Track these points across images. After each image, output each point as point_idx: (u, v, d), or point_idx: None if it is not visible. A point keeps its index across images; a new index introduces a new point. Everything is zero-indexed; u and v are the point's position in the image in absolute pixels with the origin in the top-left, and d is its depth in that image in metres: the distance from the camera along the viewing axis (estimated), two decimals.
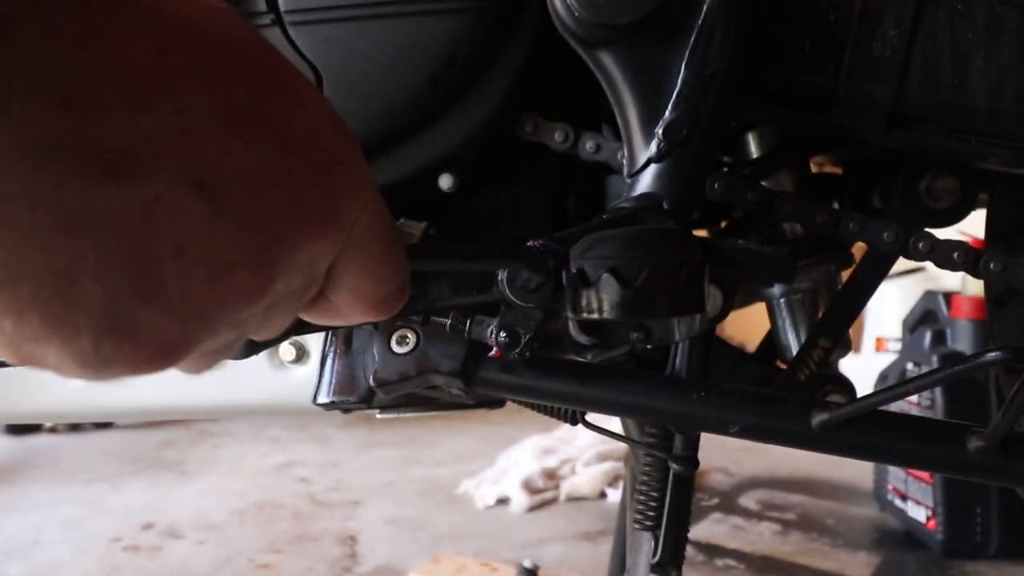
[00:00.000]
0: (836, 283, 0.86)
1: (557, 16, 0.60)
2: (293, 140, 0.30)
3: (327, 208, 0.32)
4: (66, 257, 0.25)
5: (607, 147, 0.71)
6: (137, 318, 0.27)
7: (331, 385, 0.73)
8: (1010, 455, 0.56)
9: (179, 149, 0.26)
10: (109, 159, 0.25)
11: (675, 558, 0.73)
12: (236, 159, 0.28)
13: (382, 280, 0.37)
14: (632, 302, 0.45)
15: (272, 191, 0.29)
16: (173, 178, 0.26)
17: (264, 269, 0.30)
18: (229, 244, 0.28)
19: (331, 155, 0.32)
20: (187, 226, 0.27)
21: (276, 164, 0.29)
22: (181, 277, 0.27)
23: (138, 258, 0.26)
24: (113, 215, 0.25)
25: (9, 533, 2.42)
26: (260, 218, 0.29)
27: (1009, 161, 0.64)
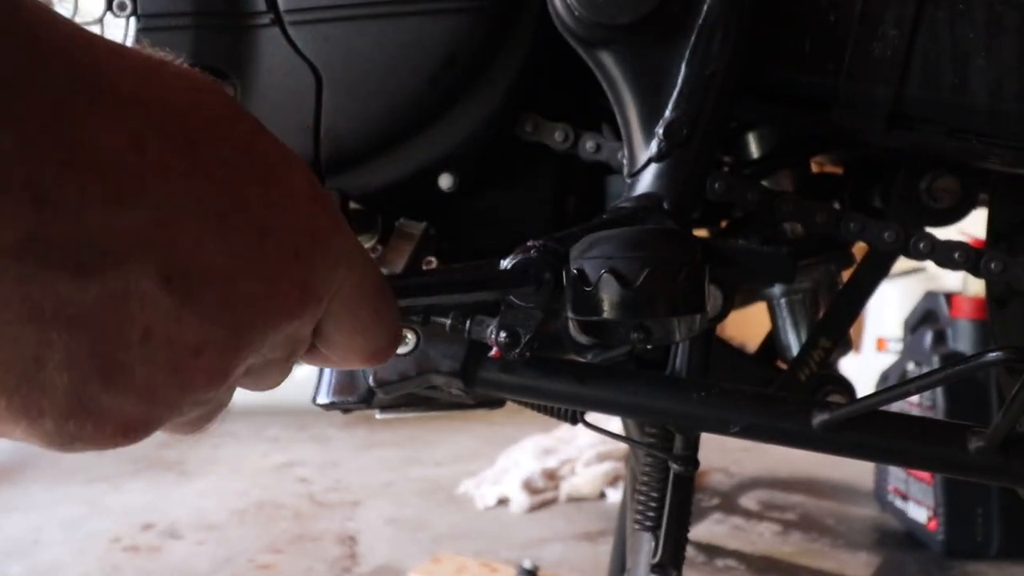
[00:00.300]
0: (836, 283, 0.86)
1: (557, 16, 0.60)
2: (271, 224, 0.30)
3: (301, 289, 0.32)
4: (34, 346, 0.26)
5: (607, 147, 0.71)
6: (100, 401, 0.27)
7: (331, 385, 0.73)
8: (1010, 455, 0.56)
9: (152, 242, 0.27)
10: (82, 255, 0.25)
11: (675, 558, 0.73)
12: (209, 249, 0.28)
13: (372, 335, 0.37)
14: (632, 302, 0.45)
15: (245, 279, 0.29)
16: (144, 270, 0.27)
17: (231, 353, 0.30)
18: (195, 331, 0.29)
19: (310, 234, 0.32)
20: (154, 314, 0.27)
21: (251, 251, 0.30)
22: (146, 362, 0.28)
23: (104, 345, 0.27)
24: (82, 307, 0.26)
25: (9, 533, 2.42)
26: (229, 306, 0.29)
27: (1009, 161, 0.64)
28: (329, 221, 0.34)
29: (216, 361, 0.30)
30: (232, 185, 0.29)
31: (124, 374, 0.27)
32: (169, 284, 0.27)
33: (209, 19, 0.66)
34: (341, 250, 0.34)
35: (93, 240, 0.25)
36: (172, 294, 0.27)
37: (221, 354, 0.30)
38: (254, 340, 0.31)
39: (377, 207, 0.71)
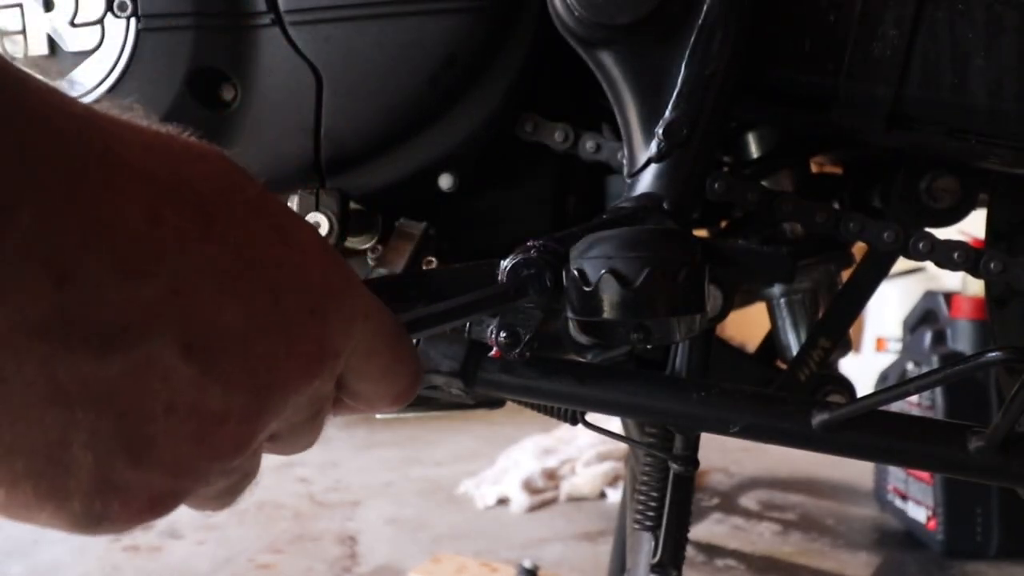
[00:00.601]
0: (836, 283, 0.86)
1: (557, 16, 0.60)
2: (284, 283, 0.31)
3: (319, 346, 0.32)
4: (60, 428, 0.25)
5: (607, 147, 0.71)
6: (127, 478, 0.27)
7: None
8: (1010, 455, 0.56)
9: (172, 311, 0.27)
10: (103, 332, 0.25)
11: (675, 558, 0.73)
12: (227, 314, 0.28)
13: (395, 379, 0.38)
14: (632, 302, 0.45)
15: (263, 341, 0.30)
16: (165, 341, 0.27)
17: (255, 417, 0.30)
18: (219, 399, 0.28)
19: (324, 291, 0.33)
20: (177, 385, 0.27)
21: (267, 311, 0.30)
22: (170, 434, 0.28)
23: (129, 421, 0.26)
24: (106, 384, 0.26)
25: (9, 533, 2.42)
26: (250, 370, 0.29)
27: (1009, 161, 0.64)
28: (341, 276, 0.34)
29: (241, 427, 0.30)
30: (244, 248, 0.29)
31: (150, 448, 0.27)
32: (190, 353, 0.27)
33: (209, 19, 0.66)
34: (355, 303, 0.34)
35: (115, 315, 0.25)
36: (193, 363, 0.27)
37: (245, 419, 0.30)
38: (276, 403, 0.31)
39: (377, 207, 0.71)
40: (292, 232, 0.32)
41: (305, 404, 0.33)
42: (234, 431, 0.29)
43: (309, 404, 0.34)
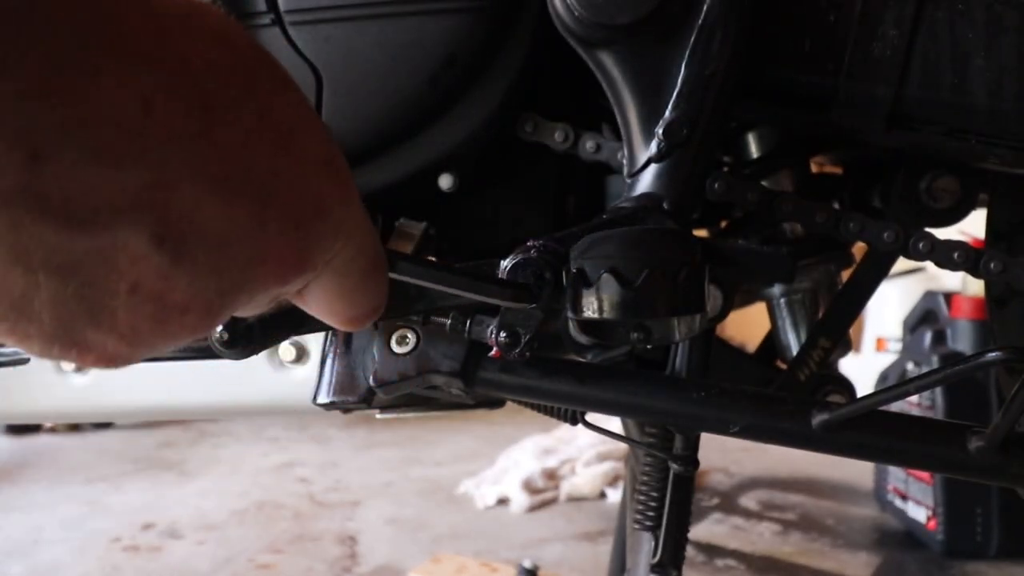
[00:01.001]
0: (836, 283, 0.86)
1: (557, 16, 0.60)
2: (274, 193, 0.30)
3: (296, 259, 0.32)
4: (21, 286, 0.26)
5: (607, 147, 0.71)
6: (85, 335, 0.28)
7: (331, 385, 0.73)
8: (1010, 455, 0.56)
9: (148, 204, 0.27)
10: (73, 210, 0.25)
11: (675, 558, 0.73)
12: (207, 214, 0.28)
13: (354, 305, 0.37)
14: (632, 302, 0.45)
15: (239, 246, 0.29)
16: (137, 230, 0.27)
17: (216, 311, 0.30)
18: (184, 291, 0.29)
19: (314, 205, 0.32)
20: (144, 271, 0.27)
21: (250, 219, 0.29)
22: (131, 310, 0.28)
23: (90, 292, 0.27)
24: (70, 258, 0.26)
25: (9, 533, 2.42)
26: (220, 270, 0.29)
27: (1009, 161, 0.64)
28: (336, 191, 0.33)
29: (201, 319, 0.30)
30: (240, 152, 0.29)
31: (109, 318, 0.28)
32: (161, 245, 0.27)
33: None
34: (342, 222, 0.34)
35: (87, 198, 0.25)
36: (163, 253, 0.27)
37: (207, 313, 0.30)
38: (240, 301, 0.31)
39: (377, 207, 0.71)
40: (297, 139, 0.31)
41: (265, 302, 0.34)
42: (193, 321, 0.30)
43: (269, 301, 0.34)
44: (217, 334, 0.47)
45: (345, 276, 0.36)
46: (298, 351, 0.77)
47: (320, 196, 0.32)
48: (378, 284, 0.38)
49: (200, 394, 0.81)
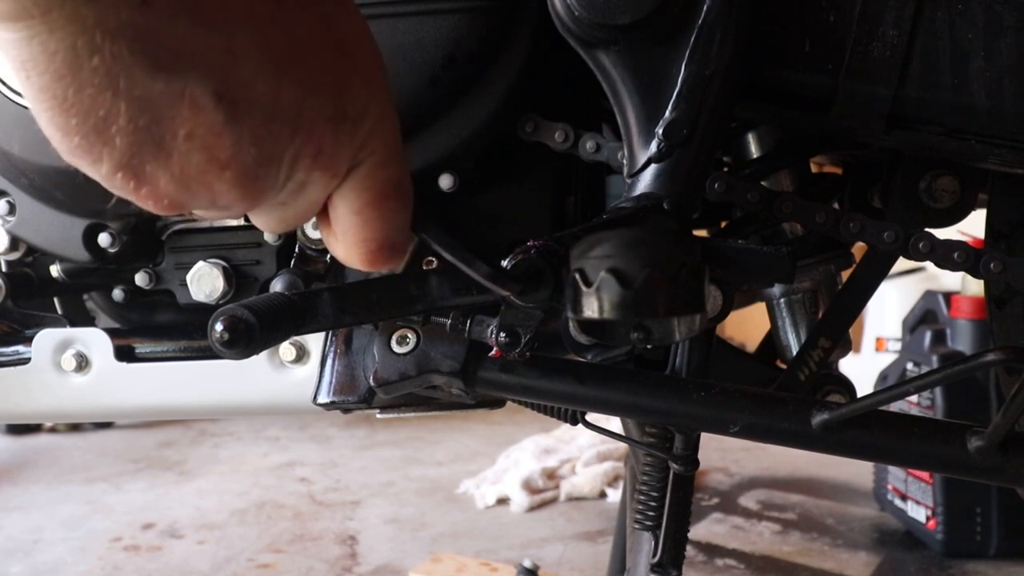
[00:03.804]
0: (836, 283, 0.86)
1: (557, 16, 0.60)
2: (320, 87, 0.36)
3: (325, 144, 0.37)
4: (105, 108, 0.32)
5: (607, 147, 0.71)
6: (144, 168, 0.34)
7: (331, 385, 0.73)
8: (1010, 455, 0.56)
9: (217, 64, 0.33)
10: (160, 54, 0.31)
11: (675, 558, 0.73)
12: (261, 87, 0.34)
13: (372, 224, 0.42)
14: (632, 302, 0.45)
15: (280, 124, 0.35)
16: (203, 83, 0.33)
17: (250, 179, 0.36)
18: (228, 149, 0.34)
19: (352, 110, 0.37)
20: (200, 122, 0.33)
21: (294, 101, 0.35)
22: (183, 154, 0.34)
23: (156, 128, 0.33)
24: (148, 93, 0.32)
25: (9, 533, 2.42)
26: (259, 140, 0.35)
27: (1009, 161, 0.64)
28: (373, 105, 0.38)
29: (237, 181, 0.35)
30: (300, 45, 0.34)
31: (166, 156, 0.34)
32: (219, 101, 0.33)
33: None
34: (373, 133, 0.39)
35: (174, 45, 0.31)
36: (219, 111, 0.33)
37: (243, 176, 0.35)
38: (270, 176, 0.36)
39: None
40: (350, 51, 0.36)
41: (294, 191, 0.39)
42: (230, 181, 0.35)
43: (298, 193, 0.39)
44: (217, 334, 0.47)
45: (366, 188, 0.41)
46: (298, 351, 0.77)
47: (358, 104, 0.37)
48: (398, 209, 0.42)
49: (200, 394, 0.81)
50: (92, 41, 0.30)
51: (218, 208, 0.37)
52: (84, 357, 0.82)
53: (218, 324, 0.47)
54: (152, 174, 0.34)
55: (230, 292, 0.79)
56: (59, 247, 0.81)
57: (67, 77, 0.31)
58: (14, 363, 0.84)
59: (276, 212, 0.41)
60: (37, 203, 0.80)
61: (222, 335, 0.47)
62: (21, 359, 0.84)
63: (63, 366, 0.82)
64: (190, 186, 0.35)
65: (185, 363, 0.81)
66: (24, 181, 0.79)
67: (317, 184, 0.38)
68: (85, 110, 0.32)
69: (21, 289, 0.87)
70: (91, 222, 0.80)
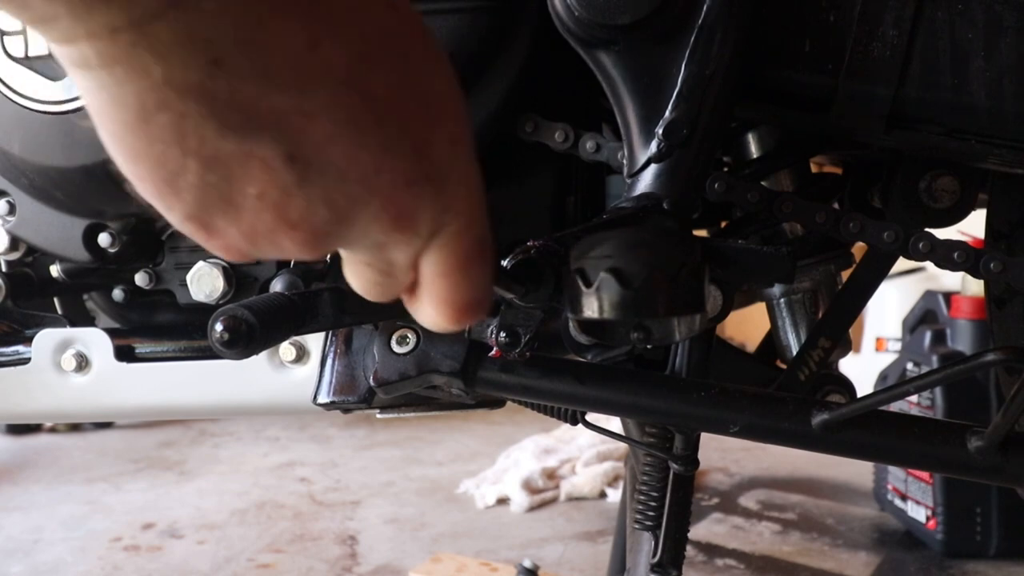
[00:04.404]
0: (836, 283, 0.86)
1: (557, 16, 0.60)
2: (398, 150, 0.34)
3: (400, 211, 0.35)
4: (174, 164, 0.31)
5: (607, 147, 0.71)
6: (215, 221, 0.34)
7: (331, 385, 0.73)
8: (1010, 455, 0.56)
9: (289, 126, 0.31)
10: (228, 114, 0.30)
11: (675, 558, 0.73)
12: (334, 149, 0.32)
13: (458, 287, 0.40)
14: (632, 302, 0.45)
15: (354, 184, 0.34)
16: (274, 145, 0.32)
17: (320, 239, 0.35)
18: (298, 210, 0.33)
19: (435, 171, 0.35)
20: (271, 182, 0.32)
21: (370, 164, 0.33)
22: (254, 213, 0.33)
23: (225, 186, 0.32)
24: (218, 153, 0.31)
25: (9, 533, 2.42)
26: (332, 201, 0.34)
27: (1009, 161, 0.64)
28: (455, 169, 0.37)
29: (306, 240, 0.35)
30: (379, 107, 0.33)
31: (236, 213, 0.33)
32: (291, 164, 0.32)
33: None
34: (455, 197, 0.37)
35: (244, 106, 0.30)
36: (291, 173, 0.32)
37: (312, 236, 0.34)
38: (342, 236, 0.35)
39: None
40: (434, 114, 0.35)
41: (372, 251, 0.37)
42: (300, 240, 0.34)
43: (376, 253, 0.37)
44: (217, 334, 0.47)
45: (453, 251, 0.39)
46: (298, 351, 0.77)
47: (441, 165, 0.36)
48: (485, 269, 0.41)
49: (200, 394, 0.81)
50: (161, 98, 0.30)
51: (290, 256, 0.37)
52: (84, 357, 0.82)
53: (218, 324, 0.47)
54: (223, 228, 0.34)
55: (230, 292, 0.79)
56: (59, 247, 0.81)
57: (136, 131, 0.31)
58: (14, 363, 0.84)
59: (365, 274, 0.39)
60: (37, 203, 0.80)
61: (222, 335, 0.47)
62: (21, 359, 0.84)
63: (63, 366, 0.82)
64: (260, 241, 0.34)
65: (185, 363, 0.82)
66: (24, 181, 0.79)
67: (398, 246, 0.37)
68: (154, 163, 0.31)
69: (21, 289, 0.87)
70: (91, 222, 0.80)
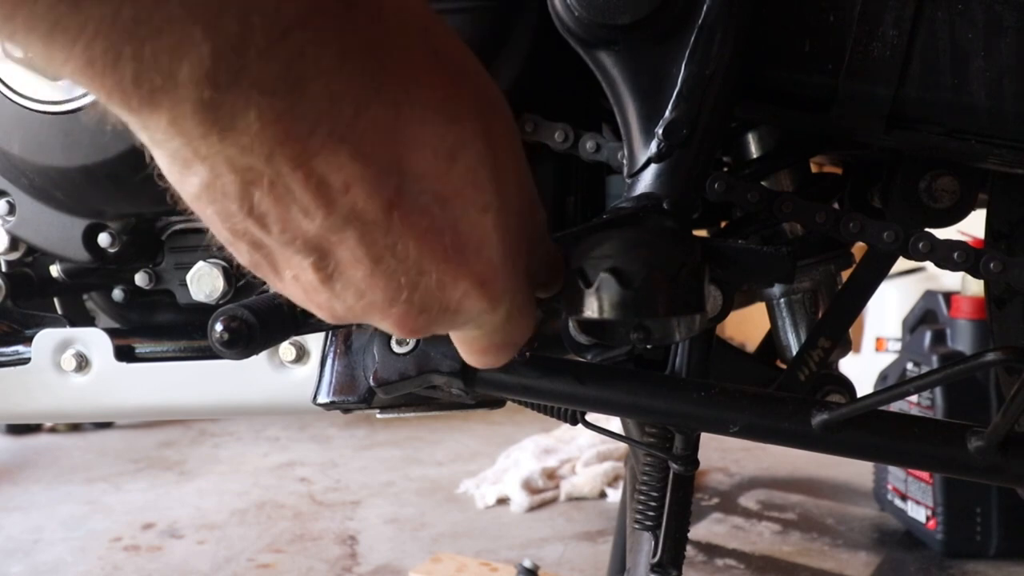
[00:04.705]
0: (836, 283, 0.86)
1: (557, 16, 0.60)
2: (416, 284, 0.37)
3: (408, 330, 0.39)
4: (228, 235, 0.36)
5: (607, 147, 0.71)
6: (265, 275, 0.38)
7: (331, 385, 0.74)
8: (1010, 455, 0.56)
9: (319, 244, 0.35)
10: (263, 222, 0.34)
11: (675, 558, 0.73)
12: (356, 270, 0.36)
13: (474, 360, 0.47)
14: (632, 302, 0.45)
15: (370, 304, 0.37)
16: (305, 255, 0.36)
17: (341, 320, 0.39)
18: (319, 300, 0.38)
19: (449, 307, 0.38)
20: (301, 275, 0.37)
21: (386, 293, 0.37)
22: (289, 285, 0.38)
23: (269, 260, 0.37)
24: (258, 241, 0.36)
25: (9, 533, 2.42)
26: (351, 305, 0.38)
27: (1009, 161, 0.64)
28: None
29: (328, 316, 0.39)
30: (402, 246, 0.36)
31: (277, 278, 0.38)
32: (318, 270, 0.36)
33: None
34: (474, 318, 0.40)
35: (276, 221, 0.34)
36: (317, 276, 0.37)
37: (332, 316, 0.39)
38: (361, 321, 0.39)
39: None
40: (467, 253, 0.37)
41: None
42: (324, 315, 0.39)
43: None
44: (217, 334, 0.47)
45: (466, 344, 0.45)
46: (298, 351, 0.77)
47: (459, 305, 0.39)
48: (500, 359, 0.46)
49: (200, 394, 0.81)
50: (210, 196, 0.33)
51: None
52: (84, 357, 0.82)
53: (218, 324, 0.47)
54: (271, 281, 0.38)
55: (230, 292, 0.79)
56: (59, 247, 0.81)
57: (195, 206, 0.34)
58: (14, 363, 0.84)
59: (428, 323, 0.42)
60: (37, 203, 0.80)
61: (222, 335, 0.47)
62: (21, 359, 0.84)
63: (63, 366, 0.82)
64: (294, 299, 0.39)
65: (185, 363, 0.82)
66: (24, 181, 0.79)
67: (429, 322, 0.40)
68: (213, 229, 0.35)
69: (21, 289, 0.87)
70: (91, 222, 0.80)
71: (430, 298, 0.38)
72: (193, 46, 0.27)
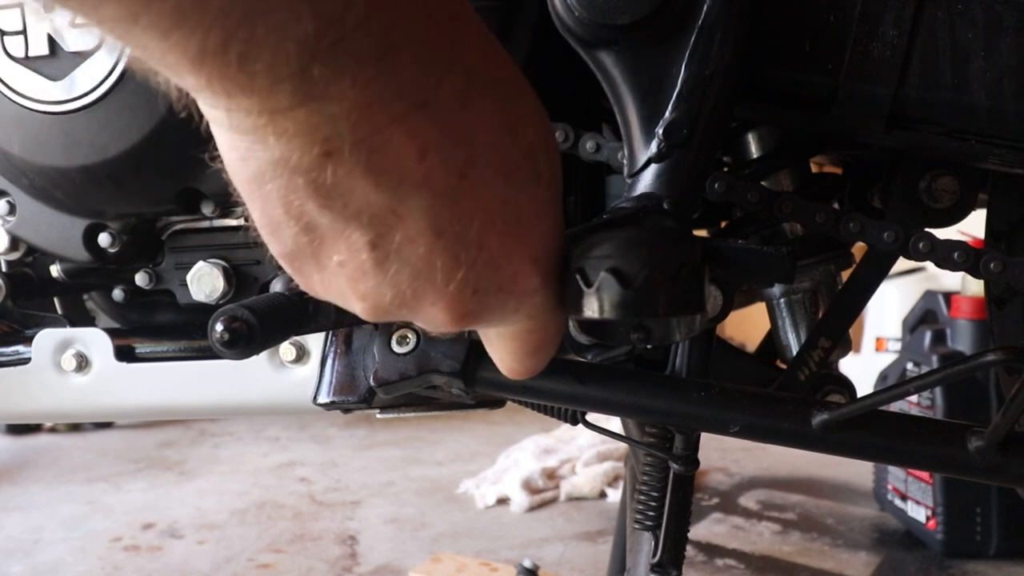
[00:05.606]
0: (836, 283, 0.86)
1: (557, 16, 0.60)
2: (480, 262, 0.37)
3: (458, 315, 0.38)
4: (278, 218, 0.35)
5: (607, 147, 0.71)
6: (302, 267, 0.37)
7: (331, 385, 0.74)
8: (1010, 455, 0.56)
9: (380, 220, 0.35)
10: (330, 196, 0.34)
11: (675, 558, 0.73)
12: (414, 249, 0.36)
13: (510, 365, 0.46)
14: (632, 302, 0.45)
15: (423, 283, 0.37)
16: (363, 232, 0.35)
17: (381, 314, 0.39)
18: (368, 287, 0.37)
19: (512, 286, 0.38)
20: (351, 258, 0.36)
21: (443, 271, 0.36)
22: (332, 273, 0.37)
23: (316, 246, 0.36)
24: (312, 221, 0.35)
25: (9, 533, 2.42)
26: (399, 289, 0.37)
27: (1009, 161, 0.64)
28: (528, 283, 0.39)
29: (369, 312, 0.38)
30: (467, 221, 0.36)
31: (319, 268, 0.37)
32: (372, 250, 0.36)
33: None
34: (521, 306, 0.40)
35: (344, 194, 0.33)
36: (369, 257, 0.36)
37: (375, 310, 0.38)
38: (403, 316, 0.39)
39: None
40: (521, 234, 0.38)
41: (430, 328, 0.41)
42: (363, 311, 0.38)
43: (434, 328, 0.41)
44: (218, 334, 0.47)
45: (511, 341, 0.44)
46: (298, 351, 0.77)
47: (520, 283, 0.39)
48: (541, 360, 0.46)
49: (200, 394, 0.81)
50: (275, 171, 0.32)
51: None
52: (84, 357, 0.82)
53: (218, 324, 0.47)
54: (307, 274, 0.38)
55: (230, 292, 0.79)
56: (59, 247, 0.81)
57: (252, 187, 0.34)
58: (14, 363, 0.84)
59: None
60: (37, 203, 0.80)
61: (222, 335, 0.47)
62: (21, 359, 0.84)
63: (63, 366, 0.82)
64: (333, 295, 0.38)
65: (185, 363, 0.82)
66: (24, 181, 0.79)
67: (458, 328, 0.40)
68: (262, 212, 0.35)
69: (21, 289, 0.87)
70: (91, 222, 0.80)
71: (485, 277, 0.37)
72: (299, 22, 0.28)
